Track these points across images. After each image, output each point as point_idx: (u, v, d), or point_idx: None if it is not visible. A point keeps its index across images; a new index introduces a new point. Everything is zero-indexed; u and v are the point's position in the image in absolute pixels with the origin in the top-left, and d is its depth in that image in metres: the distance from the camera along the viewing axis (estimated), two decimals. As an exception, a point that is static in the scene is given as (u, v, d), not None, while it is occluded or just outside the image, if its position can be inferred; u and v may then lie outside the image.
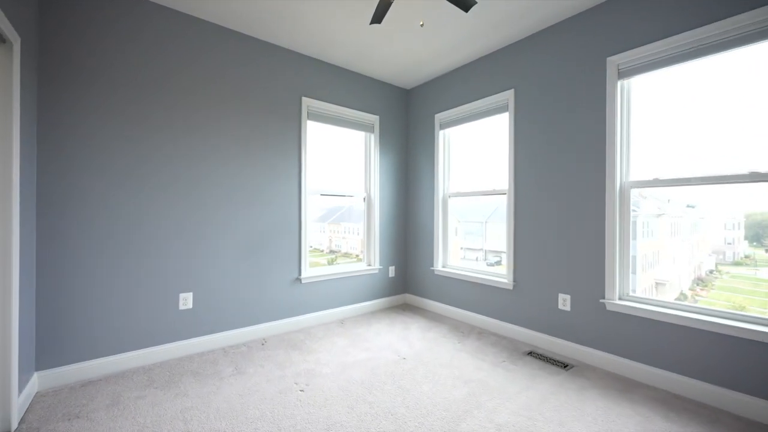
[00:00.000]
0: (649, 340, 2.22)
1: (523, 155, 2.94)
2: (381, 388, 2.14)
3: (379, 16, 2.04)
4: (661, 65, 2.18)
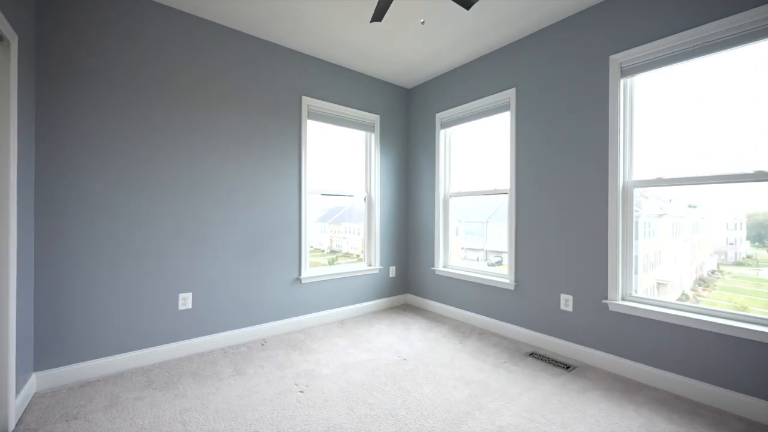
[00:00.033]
0: (651, 340, 2.20)
1: (525, 154, 2.92)
2: (381, 390, 2.12)
3: (379, 14, 2.02)
4: (664, 63, 2.16)
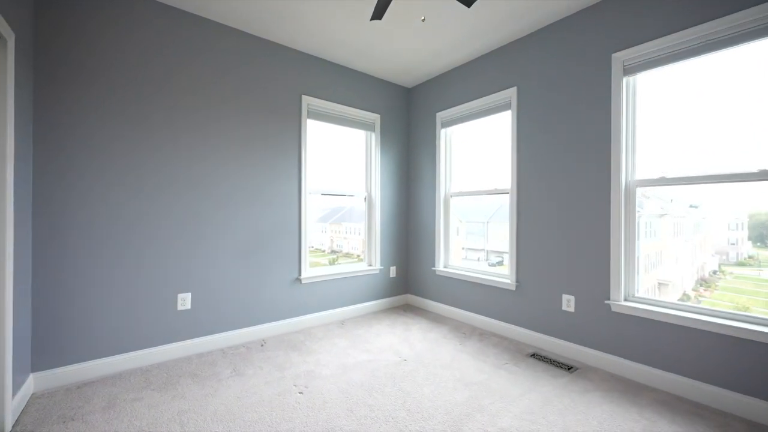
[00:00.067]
0: (654, 341, 2.18)
1: (526, 154, 2.90)
2: (381, 391, 2.10)
3: (379, 12, 2.00)
4: (666, 61, 2.13)
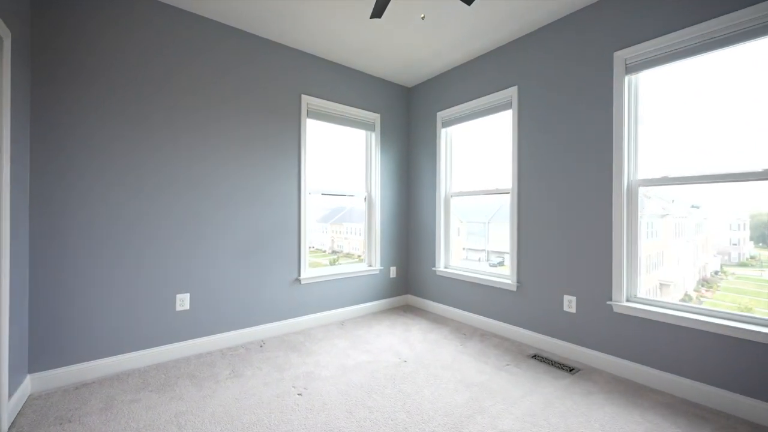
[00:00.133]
0: (657, 342, 2.15)
1: (527, 153, 2.88)
2: (381, 392, 2.08)
3: (379, 11, 1.98)
4: (670, 59, 2.11)
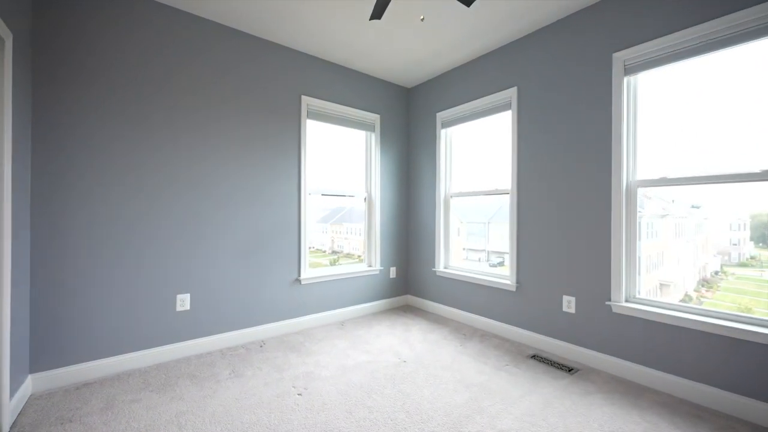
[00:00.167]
0: (656, 343, 2.16)
1: (527, 154, 2.89)
2: (381, 392, 2.09)
3: (379, 12, 1.99)
4: (668, 61, 2.12)
